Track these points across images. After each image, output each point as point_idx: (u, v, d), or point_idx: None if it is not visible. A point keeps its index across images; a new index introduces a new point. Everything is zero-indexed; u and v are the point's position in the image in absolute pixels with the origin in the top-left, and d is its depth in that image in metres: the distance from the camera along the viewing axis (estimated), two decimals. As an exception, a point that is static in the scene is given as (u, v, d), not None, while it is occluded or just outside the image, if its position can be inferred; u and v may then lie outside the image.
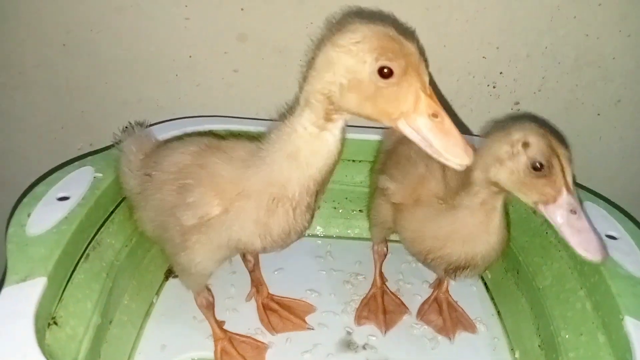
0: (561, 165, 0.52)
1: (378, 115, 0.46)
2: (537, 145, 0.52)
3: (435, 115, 0.44)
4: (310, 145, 0.50)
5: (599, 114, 0.90)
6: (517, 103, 0.89)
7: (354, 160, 0.87)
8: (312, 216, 0.57)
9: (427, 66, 0.46)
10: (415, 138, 0.45)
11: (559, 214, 0.52)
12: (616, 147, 0.93)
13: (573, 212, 0.52)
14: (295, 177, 0.51)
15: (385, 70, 0.43)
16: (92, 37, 0.82)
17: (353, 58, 0.44)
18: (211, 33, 0.82)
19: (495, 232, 0.60)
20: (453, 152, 0.44)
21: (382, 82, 0.44)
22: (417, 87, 0.44)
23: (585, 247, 0.51)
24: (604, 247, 0.52)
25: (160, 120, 0.82)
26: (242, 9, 0.80)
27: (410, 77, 0.44)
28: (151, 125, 0.79)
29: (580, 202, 0.54)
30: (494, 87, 0.88)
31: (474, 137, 0.84)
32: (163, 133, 0.76)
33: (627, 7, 0.79)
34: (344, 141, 0.51)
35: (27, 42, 0.83)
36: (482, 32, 0.82)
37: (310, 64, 0.49)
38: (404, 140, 0.74)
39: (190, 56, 0.84)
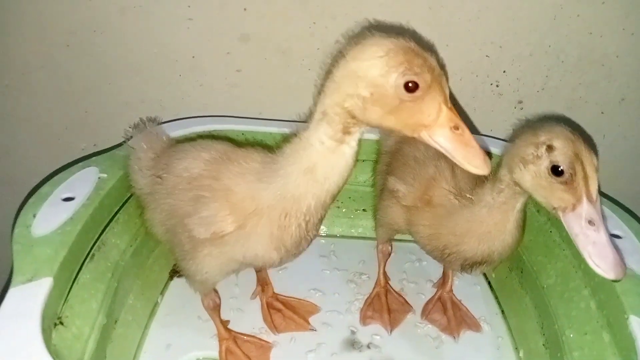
0: (584, 173, 0.50)
1: (401, 127, 0.47)
2: (561, 150, 0.51)
3: (456, 128, 0.46)
4: (328, 159, 0.50)
5: (602, 113, 0.90)
6: (520, 102, 0.89)
7: (357, 160, 0.87)
8: (320, 222, 0.57)
9: (447, 79, 0.46)
10: (437, 147, 0.46)
11: (576, 223, 0.50)
12: (620, 146, 0.93)
13: (592, 223, 0.50)
14: (312, 192, 0.51)
15: (411, 84, 0.44)
16: (95, 39, 0.82)
17: (378, 71, 0.44)
18: (214, 33, 0.82)
19: (512, 232, 0.60)
20: (474, 163, 0.46)
21: (407, 96, 0.44)
22: (440, 100, 0.45)
23: (597, 261, 0.49)
24: (620, 266, 0.49)
25: (164, 120, 0.82)
26: (244, 9, 0.80)
27: (434, 91, 0.44)
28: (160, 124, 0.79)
29: (604, 216, 0.52)
30: (497, 86, 0.87)
31: (482, 136, 0.84)
32: (169, 132, 0.76)
33: (630, 5, 0.79)
34: (358, 152, 0.51)
35: (31, 43, 0.83)
36: (485, 31, 0.82)
37: (327, 77, 0.49)
38: (406, 140, 0.75)
39: (193, 57, 0.85)
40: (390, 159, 0.76)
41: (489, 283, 0.82)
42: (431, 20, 0.80)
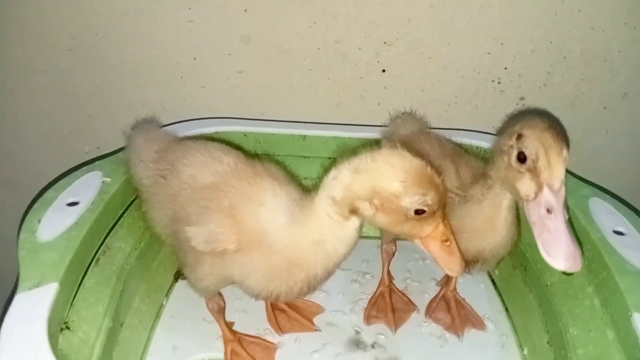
0: (549, 161, 0.50)
1: (401, 234, 0.51)
2: (528, 137, 0.51)
3: (446, 240, 0.51)
4: (337, 233, 0.51)
5: (605, 108, 0.89)
6: (522, 98, 0.89)
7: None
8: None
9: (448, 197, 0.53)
10: (426, 252, 0.52)
11: (535, 210, 0.51)
12: (623, 141, 0.93)
13: (550, 211, 0.50)
14: (320, 263, 0.53)
15: (420, 211, 0.48)
16: (97, 42, 0.83)
17: (395, 191, 0.47)
18: (215, 35, 0.82)
19: (501, 229, 0.60)
20: (452, 268, 0.52)
21: (414, 217, 0.48)
22: (439, 220, 0.50)
23: (548, 249, 0.49)
24: (573, 257, 0.48)
25: (166, 123, 0.83)
26: (245, 10, 0.80)
27: (437, 214, 0.49)
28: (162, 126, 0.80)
29: (567, 208, 0.51)
30: (499, 82, 0.87)
31: (485, 134, 0.84)
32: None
33: (632, 0, 0.78)
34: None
35: (34, 48, 0.83)
36: (486, 28, 0.81)
37: (340, 165, 0.50)
38: (411, 139, 0.75)
39: (194, 58, 0.85)
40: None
41: (493, 281, 0.82)
42: (433, 18, 0.80)
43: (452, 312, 0.75)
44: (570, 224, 0.51)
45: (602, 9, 0.79)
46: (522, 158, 0.51)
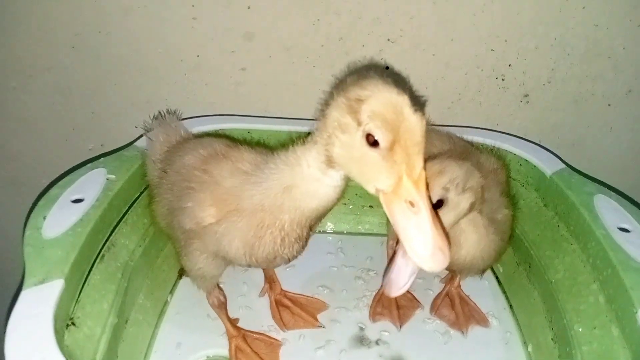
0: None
1: (360, 180, 0.44)
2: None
3: (412, 204, 0.41)
4: (308, 184, 0.49)
5: (609, 105, 0.89)
6: (526, 95, 0.89)
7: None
8: (303, 247, 0.57)
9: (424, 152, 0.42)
10: (389, 217, 0.43)
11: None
12: (627, 138, 0.93)
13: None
14: (287, 209, 0.51)
15: (370, 138, 0.41)
16: (100, 39, 0.83)
17: (350, 115, 0.42)
18: (218, 32, 0.82)
19: (467, 247, 0.61)
20: (416, 252, 0.41)
21: (367, 149, 0.42)
22: (402, 168, 0.41)
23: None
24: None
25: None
26: (248, 7, 0.80)
27: (396, 155, 0.41)
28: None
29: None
30: (502, 79, 0.87)
31: (488, 131, 0.84)
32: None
33: (637, -3, 0.78)
34: (344, 188, 0.51)
35: (37, 46, 0.83)
36: (490, 25, 0.81)
37: (326, 102, 0.47)
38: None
39: (198, 56, 0.85)
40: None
41: (497, 278, 0.82)
42: (436, 15, 0.80)
43: (457, 309, 0.75)
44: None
45: (606, 6, 0.79)
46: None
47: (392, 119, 0.40)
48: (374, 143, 0.41)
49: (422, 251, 0.41)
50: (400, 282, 0.50)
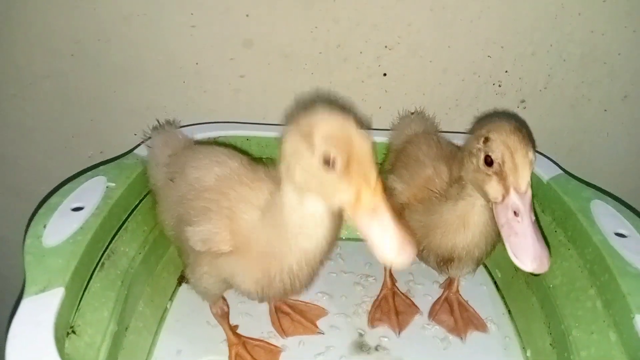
0: (514, 164, 0.50)
1: (324, 199, 0.47)
2: (494, 141, 0.51)
3: (374, 211, 0.44)
4: (297, 216, 0.49)
5: (605, 110, 0.90)
6: (523, 101, 0.89)
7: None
8: (315, 276, 0.57)
9: (376, 161, 0.46)
10: (361, 230, 0.45)
11: (503, 214, 0.51)
12: (624, 144, 0.93)
13: (516, 214, 0.50)
14: (288, 251, 0.52)
15: (326, 159, 0.43)
16: (99, 47, 0.83)
17: (305, 143, 0.44)
18: (217, 40, 0.83)
19: (473, 227, 0.60)
20: (383, 251, 0.44)
21: (324, 172, 0.44)
22: (359, 181, 0.44)
23: (515, 252, 0.49)
24: (540, 259, 0.49)
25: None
26: (247, 15, 0.80)
27: (352, 171, 0.43)
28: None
29: (534, 212, 0.51)
30: (499, 86, 0.88)
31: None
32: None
33: (632, 3, 0.79)
34: (339, 219, 0.51)
35: (37, 53, 0.84)
36: (486, 32, 0.82)
37: (279, 140, 0.49)
38: (412, 140, 0.76)
39: (197, 63, 0.85)
40: (395, 158, 0.77)
41: (495, 283, 0.83)
42: (433, 22, 0.81)
43: (455, 315, 0.75)
44: (538, 225, 0.51)
45: (602, 12, 0.80)
46: (489, 161, 0.52)
47: (343, 139, 0.44)
48: (330, 164, 0.44)
49: (390, 248, 0.43)
50: (530, 250, 0.49)
